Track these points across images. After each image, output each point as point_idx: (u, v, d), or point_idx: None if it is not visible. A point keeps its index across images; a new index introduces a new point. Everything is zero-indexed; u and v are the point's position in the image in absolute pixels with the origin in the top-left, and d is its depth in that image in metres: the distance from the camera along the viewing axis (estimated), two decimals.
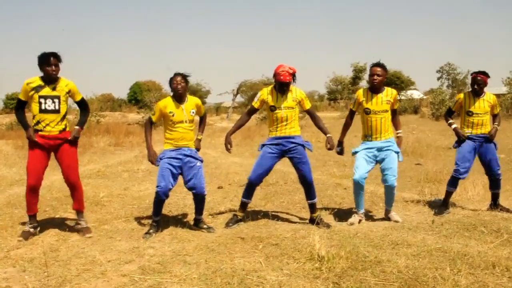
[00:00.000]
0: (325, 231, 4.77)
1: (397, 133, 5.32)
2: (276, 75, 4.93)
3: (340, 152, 5.45)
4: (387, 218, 5.37)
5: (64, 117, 4.74)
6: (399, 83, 50.54)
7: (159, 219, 4.90)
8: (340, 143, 5.44)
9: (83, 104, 5.00)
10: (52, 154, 4.79)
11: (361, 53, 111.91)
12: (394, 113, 5.30)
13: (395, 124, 5.35)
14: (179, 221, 5.31)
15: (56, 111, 4.65)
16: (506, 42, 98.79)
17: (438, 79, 47.82)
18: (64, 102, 4.72)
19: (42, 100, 4.59)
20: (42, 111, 4.60)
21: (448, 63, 46.90)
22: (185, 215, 5.67)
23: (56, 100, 4.64)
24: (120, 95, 57.88)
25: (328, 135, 5.13)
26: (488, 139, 5.54)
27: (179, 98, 4.86)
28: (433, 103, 29.12)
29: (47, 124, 4.63)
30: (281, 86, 4.95)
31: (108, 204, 6.28)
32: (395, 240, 4.44)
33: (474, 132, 5.56)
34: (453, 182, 5.64)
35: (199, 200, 4.97)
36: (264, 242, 4.40)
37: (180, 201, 6.36)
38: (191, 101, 4.95)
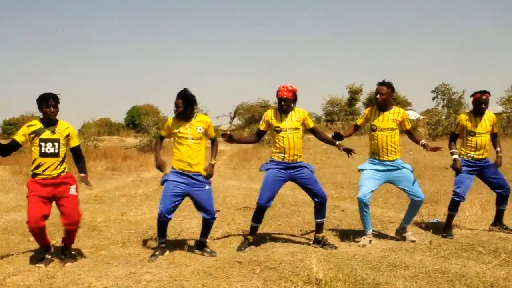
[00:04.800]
0: (322, 253, 4.75)
1: (422, 143, 5.26)
2: (277, 92, 5.00)
3: (336, 136, 5.19)
4: (401, 237, 5.34)
5: (63, 161, 4.69)
6: (395, 104, 50.80)
7: (164, 241, 4.92)
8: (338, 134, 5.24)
9: (78, 152, 4.90)
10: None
11: (357, 74, 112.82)
12: (410, 133, 5.42)
13: (416, 140, 5.38)
14: (176, 245, 5.27)
15: (56, 155, 4.62)
16: (500, 62, 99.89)
17: (433, 99, 48.13)
18: (64, 146, 4.69)
19: (43, 144, 4.57)
20: (42, 154, 4.57)
21: (442, 83, 47.24)
22: (182, 239, 5.64)
23: (56, 144, 4.62)
24: (118, 119, 57.98)
25: (337, 143, 5.14)
26: (487, 166, 5.52)
27: (181, 117, 4.88)
28: (430, 123, 29.26)
29: (47, 168, 4.58)
30: (280, 102, 4.99)
31: (105, 229, 6.26)
32: (393, 262, 4.43)
33: (476, 157, 5.50)
34: (455, 206, 5.54)
35: (209, 223, 4.99)
36: (262, 266, 4.38)
37: (177, 225, 6.34)
38: (199, 118, 4.93)
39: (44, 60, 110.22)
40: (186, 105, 4.81)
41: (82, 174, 4.82)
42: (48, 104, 4.57)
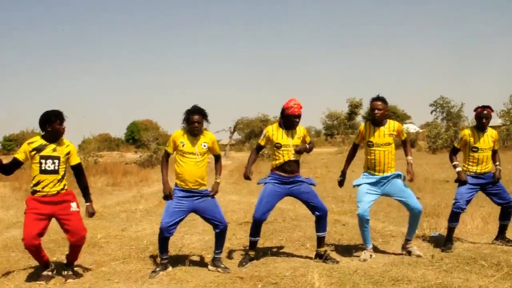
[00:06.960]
0: (324, 268, 4.73)
1: (408, 159, 5.31)
2: (288, 108, 4.96)
3: (341, 183, 5.44)
4: (406, 252, 5.30)
5: (62, 178, 4.66)
6: (395, 117, 51.03)
7: (166, 257, 4.88)
8: (343, 173, 5.43)
9: (79, 170, 4.85)
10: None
11: (355, 88, 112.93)
12: (404, 143, 5.37)
13: (406, 152, 5.38)
14: (177, 261, 5.25)
15: (56, 172, 4.59)
16: (500, 74, 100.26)
17: (432, 112, 48.36)
18: (63, 163, 4.66)
19: (43, 161, 4.54)
20: (42, 171, 4.55)
21: (441, 96, 47.54)
22: (183, 255, 5.62)
23: (56, 161, 4.59)
24: (118, 134, 58.08)
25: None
26: (493, 181, 5.54)
27: (191, 133, 4.84)
28: (429, 137, 29.32)
29: (46, 185, 4.55)
30: (293, 119, 4.99)
31: (106, 246, 6.23)
32: (395, 276, 4.41)
33: (479, 171, 5.53)
34: (455, 217, 5.55)
35: (222, 233, 4.91)
36: (263, 281, 4.37)
37: (178, 241, 6.32)
38: (205, 134, 4.91)
39: (43, 76, 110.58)
40: (205, 119, 4.84)
41: (88, 204, 4.83)
42: (61, 121, 4.59)
